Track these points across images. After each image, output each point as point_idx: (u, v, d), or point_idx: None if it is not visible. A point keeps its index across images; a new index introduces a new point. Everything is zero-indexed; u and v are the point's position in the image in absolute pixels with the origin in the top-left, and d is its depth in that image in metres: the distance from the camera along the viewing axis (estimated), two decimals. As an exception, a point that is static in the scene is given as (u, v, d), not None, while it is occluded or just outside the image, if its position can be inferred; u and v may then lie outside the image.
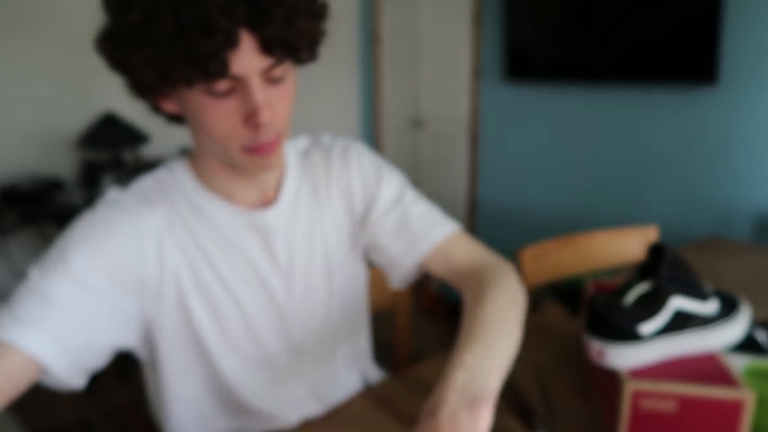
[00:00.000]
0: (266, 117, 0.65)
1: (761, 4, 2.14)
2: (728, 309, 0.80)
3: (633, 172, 2.64)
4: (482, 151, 3.29)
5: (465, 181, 3.41)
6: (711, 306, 0.78)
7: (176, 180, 0.78)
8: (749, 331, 0.84)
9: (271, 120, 0.66)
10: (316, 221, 0.85)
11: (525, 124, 3.05)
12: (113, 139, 2.65)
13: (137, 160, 2.79)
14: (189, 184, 0.77)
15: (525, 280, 1.38)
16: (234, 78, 0.63)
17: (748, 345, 0.83)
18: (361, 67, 3.92)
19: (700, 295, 0.78)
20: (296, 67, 0.72)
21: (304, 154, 0.87)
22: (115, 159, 2.73)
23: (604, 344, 0.75)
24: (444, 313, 2.95)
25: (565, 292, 2.37)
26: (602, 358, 0.75)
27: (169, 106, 0.71)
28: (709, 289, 0.81)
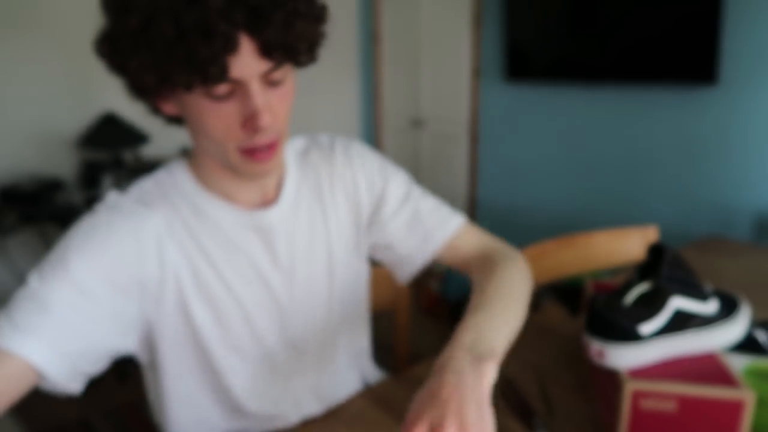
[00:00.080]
0: (266, 120, 0.65)
1: (761, 4, 2.14)
2: (728, 309, 0.80)
3: (633, 172, 2.64)
4: (482, 151, 3.29)
5: (465, 181, 3.40)
6: (711, 306, 0.78)
7: (176, 181, 0.77)
8: (749, 331, 0.84)
9: (270, 123, 0.66)
10: (318, 220, 0.85)
11: (525, 124, 3.05)
12: (113, 139, 2.65)
13: (137, 160, 2.79)
14: (189, 186, 0.77)
15: (525, 280, 1.38)
16: (233, 81, 0.63)
17: (748, 345, 0.83)
18: (361, 68, 3.92)
19: (700, 295, 0.78)
20: (299, 67, 0.72)
21: (303, 154, 0.87)
22: (115, 159, 2.73)
23: (604, 344, 0.75)
24: (444, 313, 2.95)
25: (565, 292, 2.37)
26: (602, 358, 0.75)
27: (169, 108, 0.71)
28: (709, 289, 0.81)
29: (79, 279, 0.66)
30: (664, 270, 0.78)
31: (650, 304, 0.76)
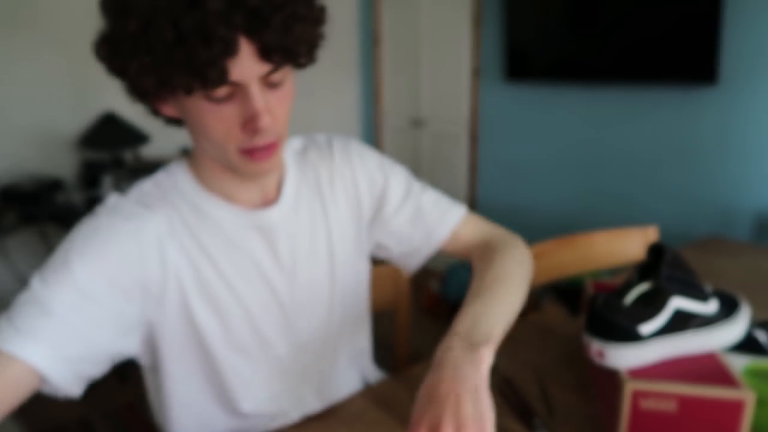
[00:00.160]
0: (265, 122, 0.65)
1: (760, 4, 2.14)
2: (728, 309, 0.80)
3: (633, 172, 2.64)
4: (482, 151, 3.29)
5: (465, 181, 3.41)
6: (711, 306, 0.78)
7: (176, 182, 0.77)
8: (749, 331, 0.84)
9: (270, 124, 0.66)
10: (319, 219, 0.86)
11: (525, 124, 3.05)
12: (113, 139, 2.65)
13: (137, 160, 2.79)
14: (189, 186, 0.77)
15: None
16: (233, 84, 0.63)
17: (748, 345, 0.83)
18: (361, 68, 3.92)
19: (700, 295, 0.78)
20: (298, 68, 0.72)
21: (301, 154, 0.88)
22: (115, 159, 2.73)
23: (604, 344, 0.75)
24: (444, 313, 2.95)
25: (565, 292, 2.37)
26: (602, 358, 0.75)
27: (168, 110, 0.71)
28: (709, 289, 0.81)
29: (81, 282, 0.66)
30: (664, 270, 0.78)
31: (650, 304, 0.76)
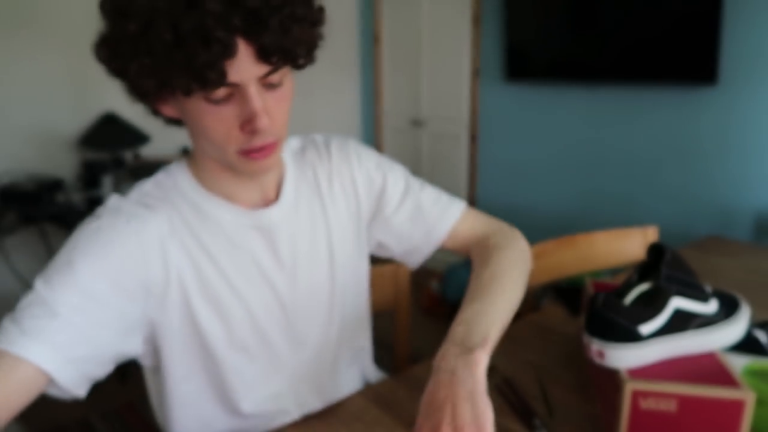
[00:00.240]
0: (263, 123, 0.65)
1: (760, 4, 2.15)
2: (728, 309, 0.80)
3: (633, 172, 2.64)
4: (482, 151, 3.29)
5: (465, 181, 3.41)
6: (711, 306, 0.78)
7: (176, 182, 0.78)
8: (749, 331, 0.84)
9: (268, 125, 0.66)
10: (319, 219, 0.86)
11: (525, 124, 3.05)
12: (113, 139, 2.65)
13: (137, 160, 2.79)
14: (189, 186, 0.77)
15: (525, 280, 1.38)
16: (231, 85, 0.63)
17: (748, 345, 0.83)
18: (361, 68, 3.92)
19: (700, 295, 0.78)
20: (297, 69, 0.72)
21: (299, 153, 0.88)
22: (115, 159, 2.73)
23: (604, 344, 0.75)
24: (444, 313, 2.95)
25: (565, 292, 2.37)
26: (602, 358, 0.75)
27: (168, 111, 0.71)
28: (709, 289, 0.81)
29: (85, 283, 0.66)
30: (664, 270, 0.78)
31: (650, 304, 0.76)
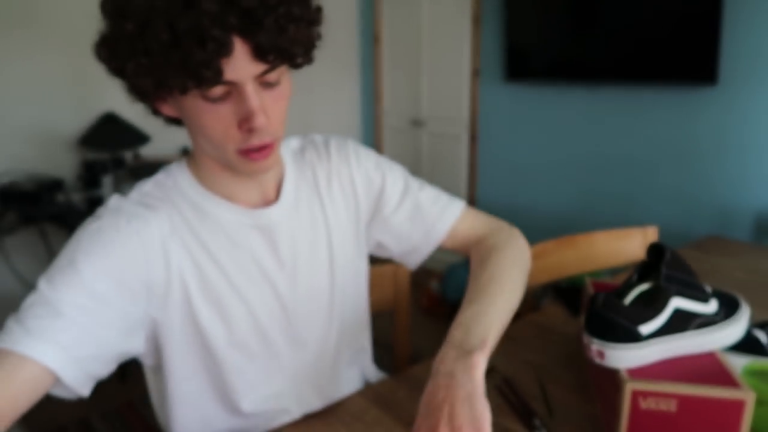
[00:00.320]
0: (260, 121, 0.66)
1: (760, 5, 2.15)
2: (728, 309, 0.80)
3: (633, 172, 2.64)
4: (482, 151, 3.29)
5: (465, 181, 3.41)
6: (711, 306, 0.78)
7: (176, 182, 0.78)
8: (749, 331, 0.84)
9: (265, 124, 0.67)
10: (318, 218, 0.86)
11: (525, 124, 3.05)
12: (113, 139, 2.65)
13: (137, 160, 2.80)
14: (190, 186, 0.77)
15: (525, 280, 1.38)
16: (228, 83, 0.64)
17: (748, 345, 0.83)
18: (361, 68, 3.92)
19: (700, 295, 0.78)
20: (295, 69, 0.72)
21: (299, 153, 0.89)
22: (115, 159, 2.73)
23: (604, 344, 0.75)
24: (444, 313, 2.95)
25: (565, 292, 2.37)
26: (602, 358, 0.75)
27: (167, 110, 0.72)
28: (709, 289, 0.81)
29: (88, 282, 0.66)
30: (664, 270, 0.77)
31: (650, 304, 0.76)
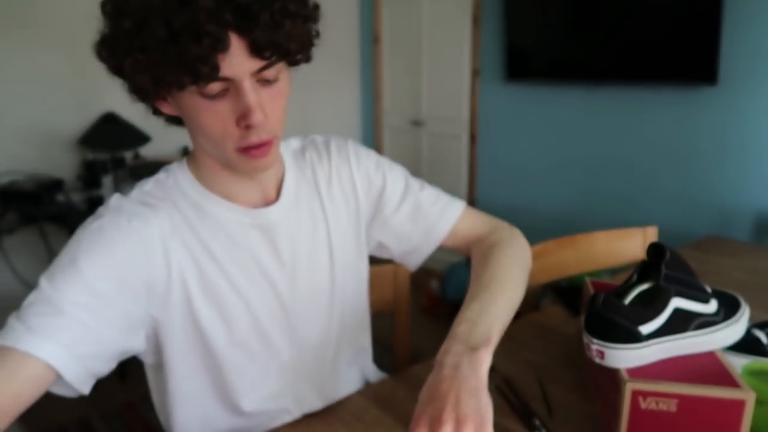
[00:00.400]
0: (258, 118, 0.66)
1: (760, 5, 2.15)
2: (728, 309, 0.80)
3: (633, 172, 2.64)
4: (482, 151, 3.29)
5: (464, 181, 3.41)
6: (711, 306, 0.78)
7: (176, 181, 0.78)
8: (749, 331, 0.84)
9: (262, 121, 0.67)
10: (318, 218, 0.86)
11: (524, 125, 3.05)
12: (113, 139, 2.65)
13: (137, 160, 2.80)
14: (190, 186, 0.78)
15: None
16: (225, 80, 0.64)
17: (748, 345, 0.83)
18: (361, 68, 3.92)
19: (700, 296, 0.78)
20: (295, 67, 0.72)
21: (299, 153, 0.89)
22: (115, 159, 2.73)
23: (604, 344, 0.75)
24: (444, 312, 2.95)
25: (565, 292, 2.37)
26: (602, 358, 0.75)
27: (167, 109, 0.72)
28: (709, 289, 0.81)
29: (89, 281, 0.67)
30: (664, 270, 0.78)
31: (650, 304, 0.76)
